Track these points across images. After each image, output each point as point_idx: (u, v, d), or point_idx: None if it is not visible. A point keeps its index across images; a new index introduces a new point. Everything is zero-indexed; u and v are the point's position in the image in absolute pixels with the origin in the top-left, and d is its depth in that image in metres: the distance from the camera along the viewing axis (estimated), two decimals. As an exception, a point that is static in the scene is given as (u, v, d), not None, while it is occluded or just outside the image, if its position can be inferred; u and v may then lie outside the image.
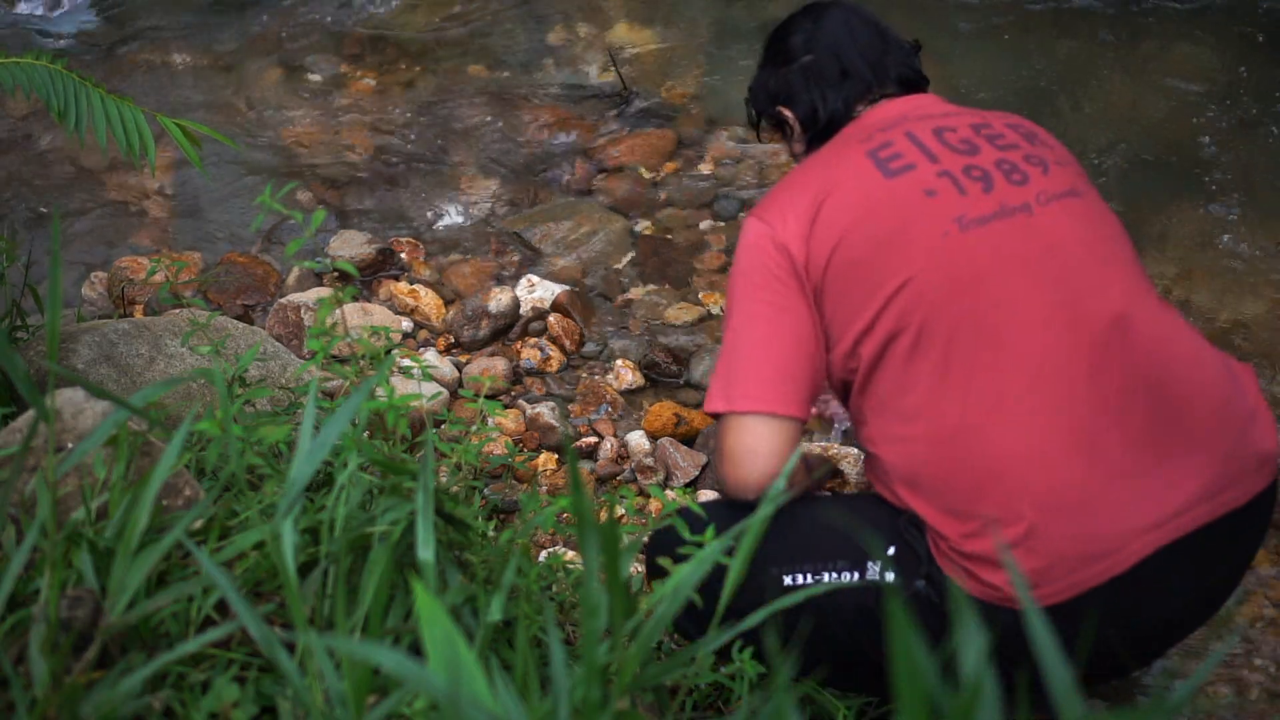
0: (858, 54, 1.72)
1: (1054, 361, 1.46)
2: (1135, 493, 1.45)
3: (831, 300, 1.54)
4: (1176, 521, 1.46)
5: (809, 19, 1.78)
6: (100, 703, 0.98)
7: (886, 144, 1.58)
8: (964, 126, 1.62)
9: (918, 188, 1.53)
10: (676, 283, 2.84)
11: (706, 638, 1.18)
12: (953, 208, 1.51)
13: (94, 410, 1.57)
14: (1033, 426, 1.45)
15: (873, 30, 1.76)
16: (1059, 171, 1.59)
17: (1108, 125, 3.31)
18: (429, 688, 0.82)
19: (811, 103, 1.72)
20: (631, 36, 3.72)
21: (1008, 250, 1.50)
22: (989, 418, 1.46)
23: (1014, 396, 1.46)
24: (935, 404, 1.48)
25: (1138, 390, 1.47)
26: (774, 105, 1.79)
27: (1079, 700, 0.68)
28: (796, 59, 1.75)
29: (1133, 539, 1.44)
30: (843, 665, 1.56)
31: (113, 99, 1.76)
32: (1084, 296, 1.49)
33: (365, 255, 2.86)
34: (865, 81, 1.71)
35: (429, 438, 1.23)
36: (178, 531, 1.08)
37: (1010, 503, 1.44)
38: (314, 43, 3.75)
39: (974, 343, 1.47)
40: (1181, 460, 1.47)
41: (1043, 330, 1.47)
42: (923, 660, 0.67)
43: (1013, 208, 1.52)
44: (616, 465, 2.36)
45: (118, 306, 2.74)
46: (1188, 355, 1.53)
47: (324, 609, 1.23)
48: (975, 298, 1.48)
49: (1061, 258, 1.51)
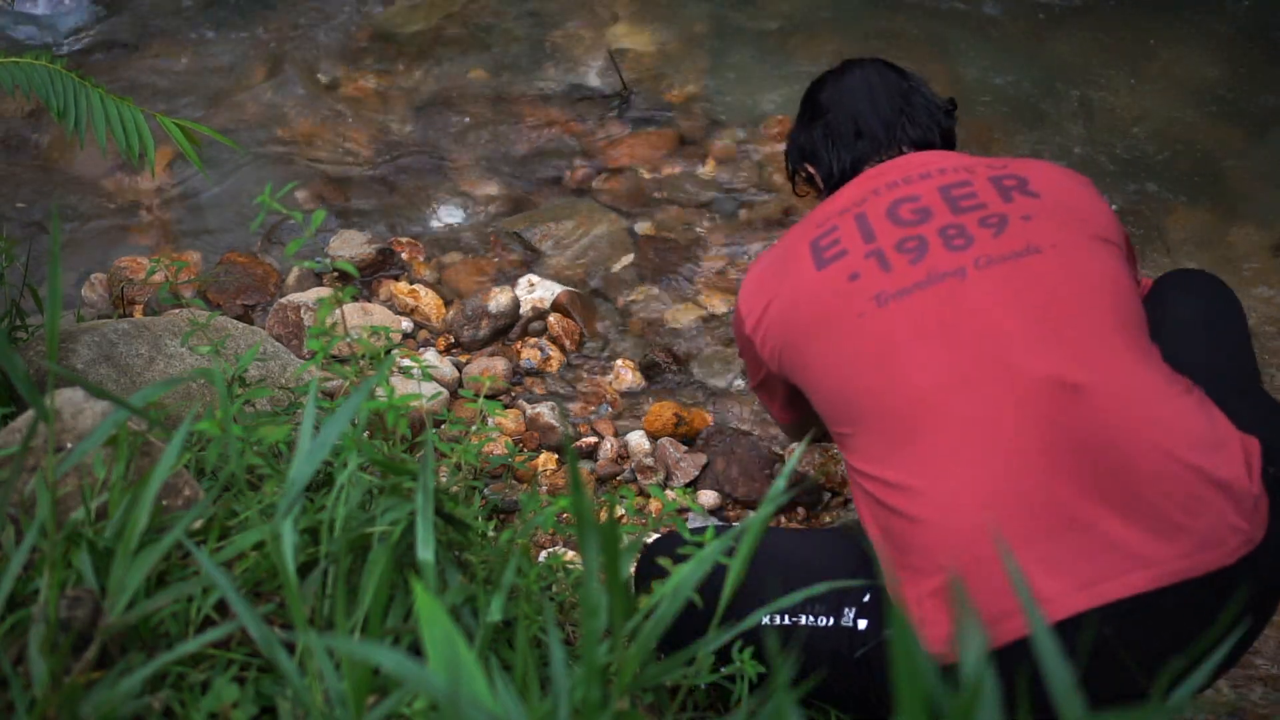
0: (873, 113, 1.79)
1: (977, 420, 1.44)
2: (1062, 551, 1.38)
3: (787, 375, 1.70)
4: (1106, 585, 1.37)
5: (836, 75, 1.87)
6: (100, 703, 0.98)
7: (831, 229, 1.65)
8: (932, 192, 1.61)
9: (843, 274, 1.59)
10: (676, 283, 2.84)
11: (706, 638, 1.18)
12: (872, 286, 1.55)
13: (93, 410, 1.57)
14: (953, 483, 1.43)
15: (896, 89, 1.82)
16: (1024, 228, 1.54)
17: (1109, 125, 3.31)
18: (429, 688, 0.82)
19: (829, 161, 1.81)
20: (631, 36, 3.72)
21: (927, 318, 1.50)
22: (914, 479, 1.46)
23: (937, 456, 1.45)
24: (879, 469, 1.50)
25: (1072, 450, 1.40)
26: (802, 161, 1.88)
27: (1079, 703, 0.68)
28: (821, 116, 1.83)
29: (1052, 598, 1.36)
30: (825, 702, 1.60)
31: (112, 99, 1.76)
32: (1010, 357, 1.45)
33: (365, 255, 2.86)
34: (877, 141, 1.77)
35: (429, 438, 1.23)
36: (177, 531, 1.08)
37: (929, 555, 1.43)
38: (314, 43, 3.75)
39: (894, 412, 1.49)
40: (1121, 524, 1.38)
41: (963, 391, 1.46)
42: (923, 661, 0.67)
43: (942, 273, 1.52)
44: (616, 465, 2.36)
45: (117, 306, 2.74)
46: (1151, 418, 1.43)
47: (324, 609, 1.23)
48: (891, 370, 1.50)
49: (985, 320, 1.48)
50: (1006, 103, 3.40)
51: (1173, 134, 3.28)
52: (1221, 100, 3.39)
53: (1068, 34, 3.68)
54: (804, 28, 3.73)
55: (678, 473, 2.31)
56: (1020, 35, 3.68)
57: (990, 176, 1.63)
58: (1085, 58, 3.58)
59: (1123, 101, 3.40)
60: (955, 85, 3.46)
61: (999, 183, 1.62)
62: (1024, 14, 3.75)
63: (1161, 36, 3.63)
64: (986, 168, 1.65)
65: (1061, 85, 3.47)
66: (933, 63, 3.53)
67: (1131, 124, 3.31)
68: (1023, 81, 3.48)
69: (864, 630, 1.53)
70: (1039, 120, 3.33)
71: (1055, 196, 1.60)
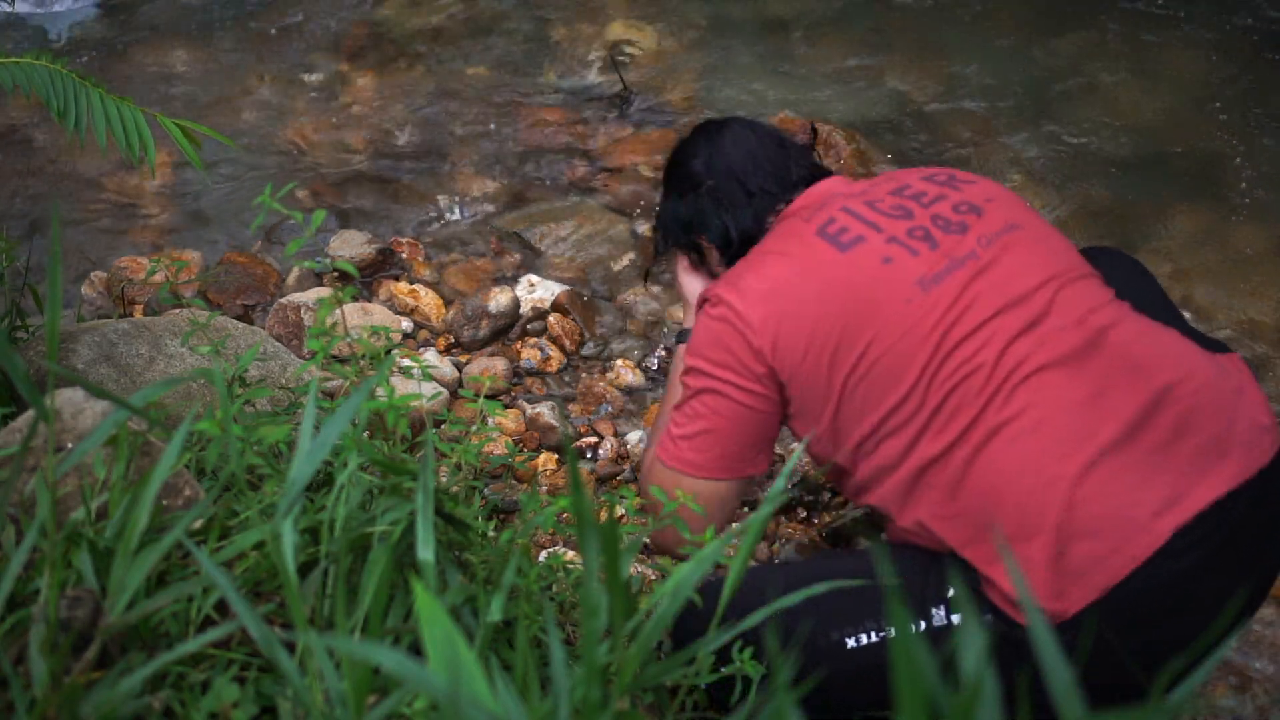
0: (757, 170, 1.76)
1: (1037, 377, 1.50)
2: (1137, 482, 1.46)
3: (801, 389, 1.60)
4: (1184, 504, 1.45)
5: (704, 142, 1.81)
6: (100, 703, 0.98)
7: (830, 220, 1.62)
8: (885, 195, 1.66)
9: (874, 257, 1.57)
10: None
11: (706, 637, 1.18)
12: (910, 271, 1.56)
13: (93, 410, 1.57)
14: (1029, 442, 1.48)
15: (770, 141, 1.79)
16: (991, 209, 1.63)
17: (1109, 124, 3.31)
18: (429, 688, 0.82)
19: (722, 226, 1.77)
20: (631, 36, 3.72)
21: (965, 297, 1.54)
22: (988, 447, 1.49)
23: (1006, 420, 1.49)
24: (948, 453, 1.51)
25: (1122, 387, 1.49)
26: (689, 234, 1.83)
27: (1080, 702, 0.68)
28: (701, 184, 1.78)
29: (1146, 526, 1.44)
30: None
31: (112, 99, 1.76)
32: (1045, 315, 1.54)
33: (365, 255, 2.86)
34: (771, 195, 1.75)
35: (429, 438, 1.23)
36: (177, 531, 1.07)
37: (1024, 519, 1.46)
38: (314, 42, 3.75)
39: (953, 385, 1.51)
40: (1177, 447, 1.48)
41: (1015, 351, 1.51)
42: (923, 661, 0.66)
43: (961, 258, 1.57)
44: (616, 465, 2.36)
45: (117, 306, 2.74)
46: (1168, 347, 1.56)
47: (324, 609, 1.23)
48: (945, 349, 1.52)
49: (1013, 287, 1.55)
50: (1005, 102, 3.39)
51: (1173, 134, 3.28)
52: (1222, 100, 3.39)
53: (1067, 33, 3.68)
54: (804, 26, 3.73)
55: (678, 472, 2.31)
56: (1019, 34, 3.68)
57: (921, 177, 1.70)
58: (1084, 57, 3.58)
59: (1122, 101, 3.40)
60: (954, 84, 3.46)
61: (932, 179, 1.69)
62: (1023, 13, 3.75)
63: (1161, 36, 3.63)
64: (909, 174, 1.72)
65: (1061, 85, 3.47)
66: (931, 61, 3.54)
67: (1131, 124, 3.31)
68: (1022, 81, 3.48)
69: (959, 623, 1.52)
70: (1038, 120, 3.33)
71: (980, 185, 1.69)
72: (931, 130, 3.29)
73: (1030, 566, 1.44)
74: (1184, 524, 1.44)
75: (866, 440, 1.58)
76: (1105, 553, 1.43)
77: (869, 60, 3.56)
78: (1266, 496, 1.51)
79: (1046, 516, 1.44)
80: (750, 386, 1.62)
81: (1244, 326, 2.68)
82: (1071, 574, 1.43)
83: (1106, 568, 1.43)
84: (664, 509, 1.54)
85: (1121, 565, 1.43)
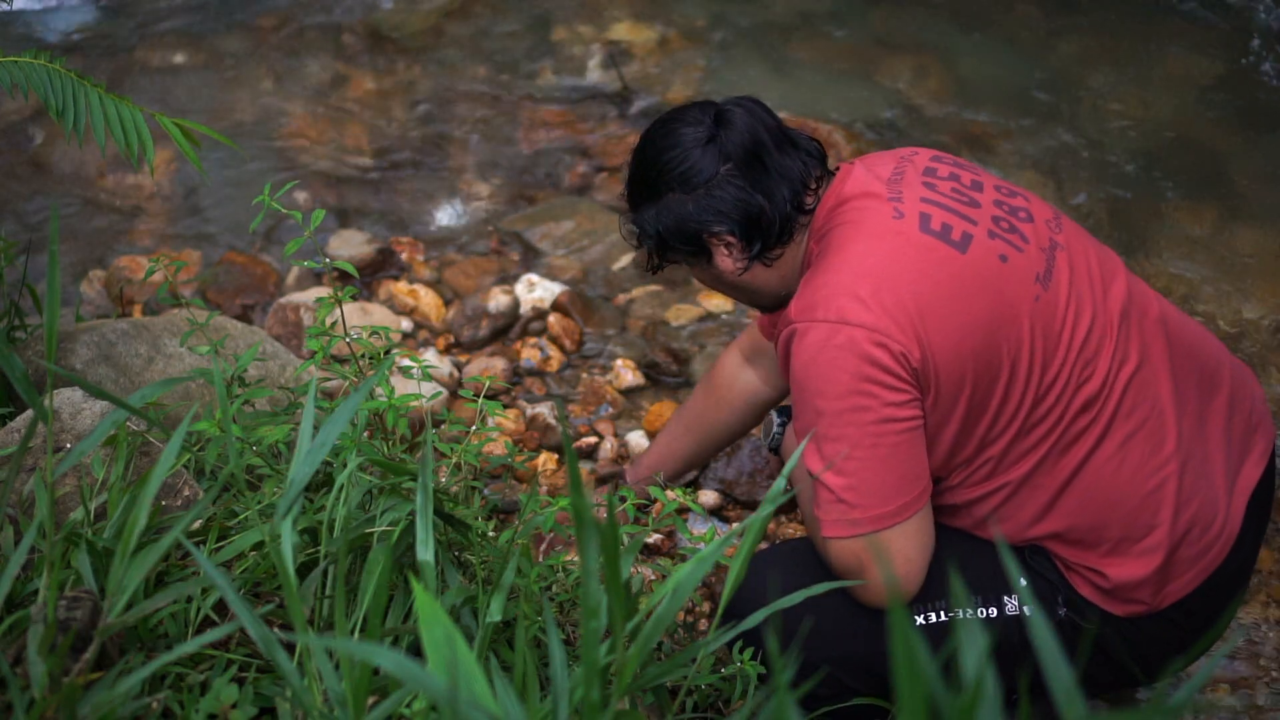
0: (777, 145, 1.56)
1: (1140, 375, 1.54)
2: (1213, 465, 1.58)
3: (952, 397, 1.46)
4: (1240, 485, 1.61)
5: (704, 128, 1.56)
6: (99, 703, 0.98)
7: (925, 216, 1.49)
8: (926, 177, 1.58)
9: (992, 255, 1.48)
10: (676, 283, 2.84)
11: (707, 639, 1.18)
12: (1027, 268, 1.50)
13: (92, 410, 1.57)
14: (1138, 444, 1.52)
15: (772, 116, 1.60)
16: (1021, 192, 1.63)
17: (1109, 124, 3.31)
18: (428, 688, 0.82)
19: (750, 213, 1.54)
20: (631, 36, 3.72)
21: (1074, 293, 1.53)
22: (1102, 448, 1.52)
23: (1117, 420, 1.52)
24: (1069, 450, 1.52)
25: (1190, 374, 1.59)
26: (701, 234, 1.58)
27: (1080, 702, 0.68)
28: (713, 175, 1.54)
29: (1224, 524, 1.57)
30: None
31: (111, 98, 1.76)
32: (1130, 307, 1.57)
33: (365, 255, 2.86)
34: (798, 173, 1.56)
35: (428, 438, 1.23)
36: (176, 532, 1.07)
37: (1139, 519, 1.52)
38: (314, 43, 3.75)
39: (1080, 389, 1.51)
40: (1232, 429, 1.63)
41: (1118, 350, 1.53)
42: (924, 661, 0.66)
43: (1049, 249, 1.54)
44: (616, 465, 2.36)
45: (116, 306, 2.74)
46: (1198, 329, 1.67)
47: (323, 609, 1.23)
48: (1073, 348, 1.51)
49: (1098, 281, 1.56)
50: (1006, 102, 3.39)
51: (1173, 133, 3.28)
52: (1222, 100, 3.39)
53: (1068, 34, 3.68)
54: (805, 25, 3.73)
55: (678, 472, 2.31)
56: (1021, 35, 3.68)
57: (930, 157, 1.65)
58: (1086, 57, 3.57)
59: (1123, 101, 3.40)
60: (954, 84, 3.46)
61: (940, 160, 1.64)
62: (1025, 13, 3.75)
63: (1162, 36, 3.62)
64: (913, 154, 1.65)
65: (1062, 85, 3.47)
66: (932, 61, 3.53)
67: (1132, 123, 3.31)
68: (1023, 81, 3.48)
69: (1031, 616, 1.52)
70: (1038, 120, 3.33)
71: (972, 165, 1.66)
72: (932, 130, 3.29)
73: (1143, 565, 1.52)
74: (1245, 507, 1.59)
75: (992, 444, 1.51)
76: (1202, 551, 1.55)
77: (869, 60, 3.56)
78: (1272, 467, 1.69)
79: (1161, 515, 1.52)
80: (906, 398, 1.44)
81: (1244, 326, 2.68)
82: (1174, 574, 1.54)
83: (1203, 563, 1.56)
84: (663, 509, 1.53)
85: (1213, 560, 1.56)
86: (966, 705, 0.67)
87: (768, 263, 1.60)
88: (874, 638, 1.52)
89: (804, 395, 1.46)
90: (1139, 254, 2.87)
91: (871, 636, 1.53)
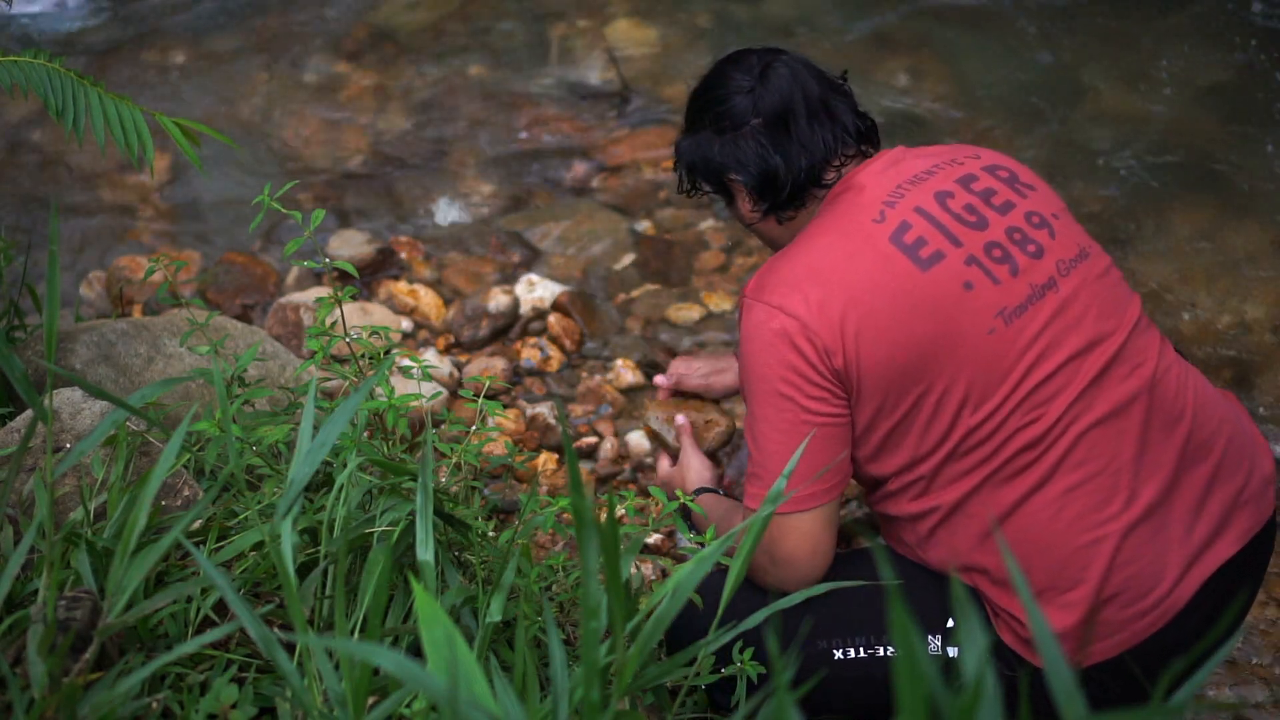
0: (811, 115, 1.59)
1: (1097, 430, 1.49)
2: (1170, 535, 1.51)
3: (871, 405, 1.49)
4: (1204, 562, 1.52)
5: (748, 76, 1.61)
6: (98, 704, 0.98)
7: (904, 225, 1.50)
8: (953, 185, 1.56)
9: (955, 281, 1.48)
10: (677, 282, 2.84)
11: (706, 641, 1.18)
12: (993, 301, 1.48)
13: (92, 410, 1.57)
14: (1081, 495, 1.48)
15: (822, 83, 1.62)
16: (1062, 229, 1.56)
17: (1109, 124, 3.31)
18: (428, 688, 0.82)
19: (770, 171, 1.58)
20: (631, 35, 3.72)
21: (1048, 334, 1.49)
22: (1041, 493, 1.49)
23: (1063, 469, 1.49)
24: (1003, 487, 1.49)
25: (1164, 442, 1.52)
26: (721, 175, 1.64)
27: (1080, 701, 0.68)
28: (744, 123, 1.59)
29: (1170, 594, 1.50)
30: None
31: (111, 98, 1.76)
32: (1114, 362, 1.51)
33: (365, 255, 2.86)
34: (826, 146, 1.58)
35: (428, 438, 1.23)
36: (176, 532, 1.07)
37: (1066, 571, 1.48)
38: (314, 42, 3.75)
39: (1024, 424, 1.48)
40: (1207, 504, 1.54)
41: (1086, 398, 1.49)
42: (923, 661, 0.66)
43: (1040, 286, 1.51)
44: (616, 465, 2.36)
45: (116, 306, 2.74)
46: (1203, 395, 1.58)
47: (323, 609, 1.23)
48: (1021, 388, 1.48)
49: (1091, 329, 1.51)
50: (1006, 101, 3.39)
51: (1173, 133, 3.27)
52: (1222, 100, 3.38)
53: (1068, 33, 3.68)
54: (805, 24, 3.73)
55: (678, 472, 2.31)
56: (1021, 34, 3.67)
57: (983, 166, 1.61)
58: (1086, 57, 3.57)
59: (1123, 100, 3.40)
60: (955, 84, 3.46)
61: (994, 171, 1.60)
62: (1024, 13, 3.75)
63: (1162, 36, 3.62)
64: (970, 158, 1.62)
65: (1062, 84, 3.47)
66: (932, 61, 3.53)
67: (1132, 123, 3.31)
68: (1023, 80, 3.47)
69: (956, 658, 1.52)
70: (1039, 119, 3.33)
71: (1040, 190, 1.61)
72: (932, 130, 3.29)
73: (1061, 618, 1.48)
74: (1201, 585, 1.51)
75: (922, 461, 1.52)
76: (1132, 618, 1.49)
77: (869, 60, 3.56)
78: (1261, 547, 1.60)
79: (1090, 572, 1.47)
80: (825, 395, 1.49)
81: (1244, 325, 2.68)
82: (1099, 633, 1.49)
83: (1130, 631, 1.49)
84: (663, 509, 1.53)
85: (1143, 630, 1.50)
86: (966, 705, 0.67)
87: (781, 220, 1.65)
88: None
89: (743, 368, 1.54)
90: (1137, 254, 2.87)
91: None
